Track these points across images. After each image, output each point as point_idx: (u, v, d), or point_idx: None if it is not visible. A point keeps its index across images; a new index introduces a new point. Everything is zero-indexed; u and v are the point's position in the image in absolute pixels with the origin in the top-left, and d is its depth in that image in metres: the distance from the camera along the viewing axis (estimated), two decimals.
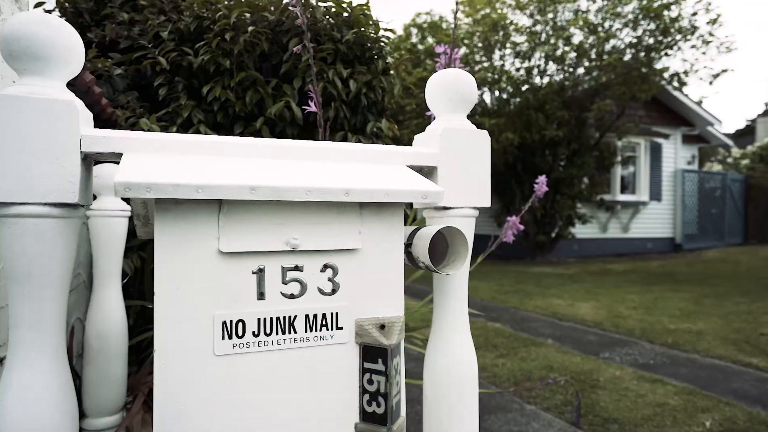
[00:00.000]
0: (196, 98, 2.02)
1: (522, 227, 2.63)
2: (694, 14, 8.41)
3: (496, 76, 9.05)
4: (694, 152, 15.14)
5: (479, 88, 9.32)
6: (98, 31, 2.14)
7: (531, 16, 9.06)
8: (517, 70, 9.10)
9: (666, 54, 8.71)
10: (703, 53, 8.77)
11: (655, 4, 8.27)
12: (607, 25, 8.78)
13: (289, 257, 0.81)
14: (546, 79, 9.25)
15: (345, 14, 2.13)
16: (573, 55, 8.86)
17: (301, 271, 0.82)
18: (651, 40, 8.60)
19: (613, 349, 4.00)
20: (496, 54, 9.31)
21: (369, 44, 2.13)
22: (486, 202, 1.09)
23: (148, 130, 1.77)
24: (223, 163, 0.81)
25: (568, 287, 7.21)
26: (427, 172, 1.07)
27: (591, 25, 8.69)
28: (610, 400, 2.84)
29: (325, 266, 0.84)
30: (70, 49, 0.81)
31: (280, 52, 2.08)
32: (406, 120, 9.94)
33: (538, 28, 9.03)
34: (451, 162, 1.05)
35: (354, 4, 2.15)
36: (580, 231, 11.08)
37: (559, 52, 8.80)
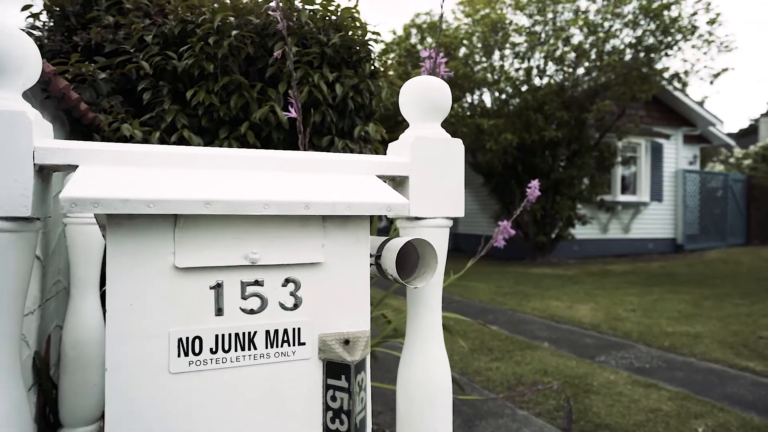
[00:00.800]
0: (181, 103, 2.00)
1: (513, 232, 2.61)
2: (694, 14, 8.37)
3: (495, 77, 9.02)
4: (696, 152, 15.07)
5: (479, 88, 9.29)
6: (84, 35, 2.12)
7: (530, 16, 9.03)
8: (517, 70, 9.06)
9: (666, 54, 8.66)
10: (704, 53, 8.73)
11: (655, 5, 8.23)
12: (606, 25, 8.74)
13: (249, 272, 0.80)
14: (545, 80, 9.22)
15: (332, 17, 2.11)
16: (572, 55, 8.82)
17: (262, 285, 0.81)
18: (651, 40, 8.56)
19: (609, 353, 3.97)
20: (496, 54, 9.28)
21: (356, 47, 2.11)
22: (459, 212, 1.07)
23: (130, 136, 1.75)
24: (182, 176, 0.79)
25: (567, 289, 7.18)
26: (400, 181, 1.05)
27: (591, 24, 8.65)
28: (603, 405, 2.82)
29: (287, 280, 0.82)
30: (23, 58, 0.79)
31: (266, 56, 2.06)
32: (403, 121, 9.92)
33: (538, 28, 9.00)
34: (423, 171, 1.03)
35: (342, 7, 2.13)
36: (581, 232, 11.04)
37: (558, 53, 8.76)
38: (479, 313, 5.68)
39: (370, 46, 2.18)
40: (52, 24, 2.33)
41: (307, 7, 2.12)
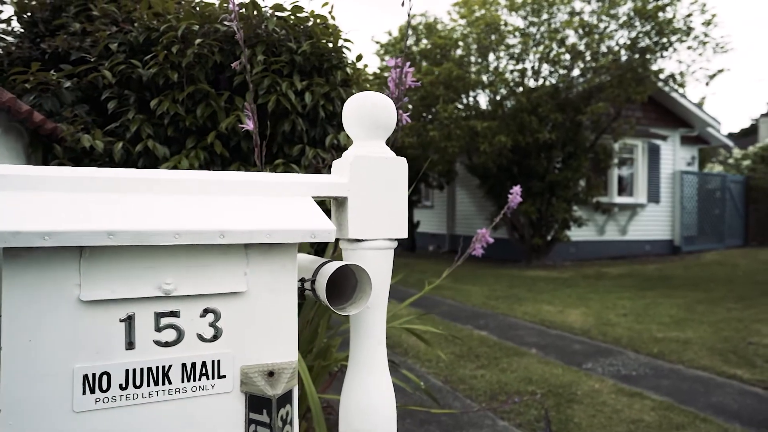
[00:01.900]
0: (148, 112, 1.97)
1: (491, 240, 2.57)
2: (689, 15, 8.32)
3: (490, 79, 8.98)
4: (694, 153, 15.01)
5: (473, 89, 9.25)
6: (51, 42, 2.09)
7: (525, 17, 8.99)
8: (511, 72, 9.02)
9: (661, 55, 8.62)
10: (699, 54, 8.68)
11: (650, 6, 8.19)
12: (602, 26, 8.70)
13: (163, 303, 0.76)
14: (540, 82, 9.18)
15: (303, 25, 2.08)
16: (567, 57, 8.78)
17: (178, 317, 0.77)
18: (646, 42, 8.51)
19: (596, 360, 3.94)
20: (491, 56, 9.24)
21: (327, 55, 2.07)
22: (403, 233, 1.04)
23: (90, 147, 1.72)
24: (86, 202, 0.76)
25: (560, 292, 7.14)
26: (341, 202, 1.02)
27: (586, 25, 8.61)
28: (584, 415, 2.78)
29: (206, 311, 0.79)
30: None
31: (246, 64, 2.03)
32: (398, 122, 9.87)
33: (532, 29, 8.95)
34: (363, 192, 0.99)
35: (314, 14, 2.09)
36: (577, 233, 11.00)
37: (553, 54, 8.72)
38: (470, 317, 5.64)
39: (342, 54, 2.15)
40: (22, 30, 2.29)
41: (277, 14, 2.08)
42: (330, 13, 2.31)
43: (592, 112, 8.44)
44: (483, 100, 9.64)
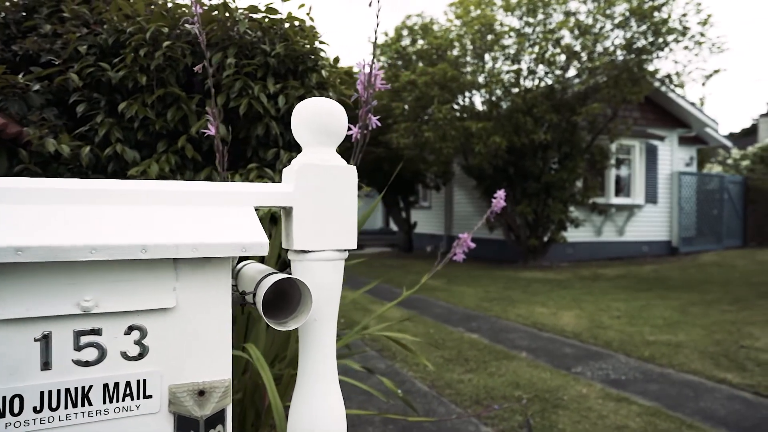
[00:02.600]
0: (119, 116, 1.94)
1: (473, 245, 2.54)
2: (684, 15, 8.27)
3: (485, 79, 8.94)
4: (693, 154, 14.96)
5: (469, 90, 9.21)
6: (22, 44, 2.06)
7: (521, 17, 8.95)
8: (507, 72, 8.98)
9: (657, 56, 8.58)
10: (696, 54, 8.64)
11: (645, 6, 8.15)
12: (597, 26, 8.66)
13: (83, 320, 0.73)
14: (535, 82, 9.14)
15: (278, 26, 2.04)
16: (562, 57, 8.74)
17: (100, 334, 0.74)
18: (642, 42, 8.47)
19: (586, 363, 3.90)
20: (486, 57, 9.20)
21: (302, 57, 2.04)
22: (352, 243, 1.00)
23: (55, 151, 1.69)
24: (3, 214, 0.72)
25: (554, 294, 7.10)
26: (288, 212, 0.98)
27: (582, 25, 8.57)
28: (569, 422, 2.74)
29: (131, 328, 0.75)
30: None
31: (209, 67, 1.99)
32: (395, 123, 9.85)
33: (528, 30, 8.92)
34: (309, 201, 0.96)
35: (287, 16, 2.06)
36: (575, 234, 10.96)
37: (548, 54, 8.68)
38: (462, 319, 5.60)
39: (318, 56, 2.11)
40: None
41: (252, 15, 2.05)
42: (308, 14, 2.28)
43: (586, 113, 8.40)
44: (478, 100, 9.60)
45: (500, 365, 3.84)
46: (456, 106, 9.56)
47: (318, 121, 0.99)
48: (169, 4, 1.97)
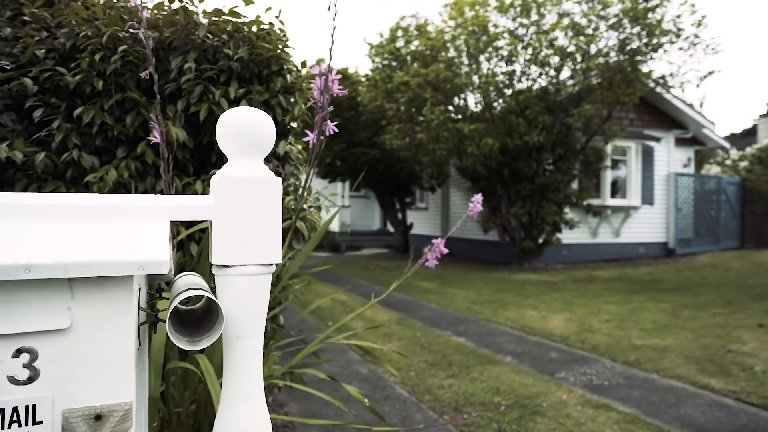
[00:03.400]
0: (77, 121, 1.91)
1: (446, 251, 2.51)
2: (678, 16, 8.24)
3: (479, 80, 8.90)
4: (690, 155, 14.92)
5: (463, 91, 9.18)
6: None
7: (514, 18, 8.91)
8: (501, 74, 8.94)
9: (651, 57, 8.54)
10: (690, 56, 8.60)
11: (639, 6, 8.11)
12: (591, 28, 8.62)
13: None
14: (528, 84, 9.10)
15: (242, 30, 2.01)
16: (556, 59, 8.70)
17: None
18: (636, 43, 8.44)
19: (571, 368, 3.86)
20: (480, 58, 9.16)
21: (267, 61, 2.01)
22: (276, 257, 0.97)
23: (6, 158, 1.66)
24: None
25: (547, 296, 7.06)
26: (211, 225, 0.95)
27: (576, 25, 8.53)
28: (545, 429, 2.71)
29: (20, 351, 0.72)
30: None
31: (170, 71, 1.97)
32: (388, 124, 9.83)
33: (521, 31, 8.88)
34: (230, 215, 0.93)
35: (249, 20, 2.02)
36: (570, 236, 10.92)
37: (542, 55, 8.64)
38: (451, 322, 5.57)
39: (284, 60, 2.08)
40: None
41: (216, 19, 2.02)
42: (277, 17, 2.25)
43: (579, 115, 8.36)
44: (472, 101, 9.57)
45: (483, 370, 3.81)
46: (451, 107, 9.53)
47: (242, 132, 0.96)
48: (131, 6, 1.94)
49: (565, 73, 9.07)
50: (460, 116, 9.00)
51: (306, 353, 2.00)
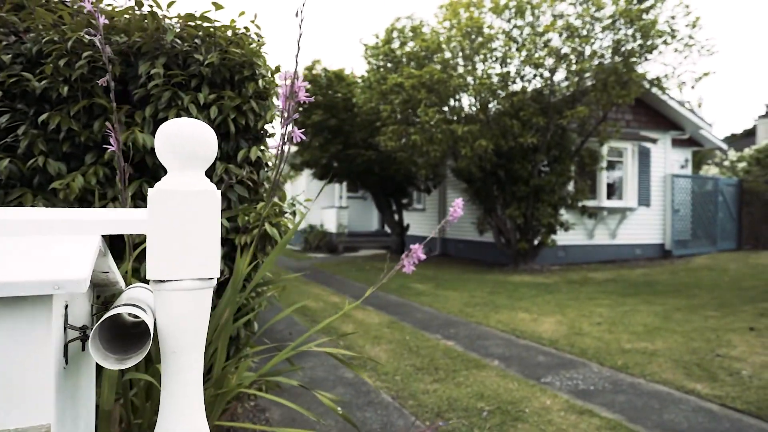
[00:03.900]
0: (45, 127, 1.89)
1: (424, 256, 2.49)
2: (673, 17, 8.22)
3: (473, 82, 8.88)
4: (688, 156, 14.89)
5: (457, 93, 9.16)
6: None
7: (509, 20, 8.90)
8: (495, 76, 8.92)
9: (646, 58, 8.52)
10: (685, 57, 8.57)
11: (633, 7, 8.09)
12: (586, 29, 8.60)
13: None
14: (523, 85, 9.08)
15: (213, 35, 1.99)
16: (550, 60, 8.68)
17: None
18: (630, 45, 8.42)
19: (557, 373, 3.84)
20: (475, 59, 9.14)
21: (239, 67, 1.99)
22: (214, 272, 0.95)
23: None
24: None
25: (540, 299, 7.04)
26: (144, 240, 0.94)
27: (571, 27, 8.51)
28: None
29: None
30: None
31: (139, 77, 1.95)
32: (382, 126, 9.81)
33: (516, 32, 8.86)
34: (165, 229, 0.91)
35: (220, 25, 2.00)
36: (566, 237, 10.90)
37: (536, 56, 8.62)
38: (442, 326, 5.55)
39: (256, 65, 2.06)
40: None
41: (188, 23, 2.00)
42: (253, 21, 2.23)
43: (572, 116, 8.34)
44: (466, 103, 9.54)
45: (469, 375, 3.79)
46: (446, 109, 9.51)
47: (181, 144, 0.95)
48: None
49: (560, 75, 9.05)
50: (455, 117, 8.97)
51: (278, 360, 1.98)
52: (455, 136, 8.34)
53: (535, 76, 8.95)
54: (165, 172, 2.07)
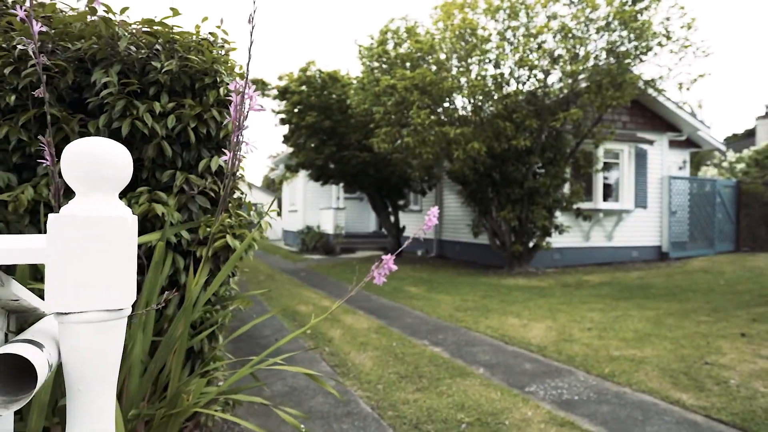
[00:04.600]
0: None
1: (395, 267, 2.42)
2: (667, 18, 8.15)
3: (466, 84, 8.82)
4: (686, 157, 14.82)
5: (450, 95, 9.09)
6: None
7: (503, 21, 8.83)
8: (488, 78, 8.85)
9: (640, 60, 8.45)
10: (680, 59, 8.50)
11: (626, 8, 8.02)
12: (580, 30, 8.53)
13: None
14: (516, 87, 9.01)
15: (172, 41, 1.93)
16: (545, 62, 8.62)
17: None
18: (625, 46, 8.35)
19: (543, 381, 3.78)
20: (468, 61, 9.08)
21: (199, 74, 1.93)
22: (125, 302, 0.89)
23: None
24: None
25: (532, 303, 6.98)
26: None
27: (565, 28, 8.44)
28: None
29: None
30: None
31: (97, 84, 1.89)
32: (376, 128, 9.74)
33: (509, 34, 8.80)
34: (66, 257, 0.85)
35: (180, 31, 1.95)
36: (562, 240, 10.84)
37: (531, 58, 8.55)
38: (431, 331, 5.49)
39: (218, 72, 2.00)
40: None
41: (146, 29, 1.94)
42: (219, 27, 2.17)
43: (565, 119, 8.27)
44: (460, 105, 9.48)
45: (453, 383, 3.73)
46: (440, 110, 9.44)
47: (84, 165, 0.88)
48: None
49: (554, 77, 8.99)
50: (447, 119, 8.91)
51: (239, 377, 1.92)
52: (448, 138, 8.27)
53: (529, 77, 8.88)
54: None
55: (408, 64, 9.58)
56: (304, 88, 11.61)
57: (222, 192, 1.83)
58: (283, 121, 12.64)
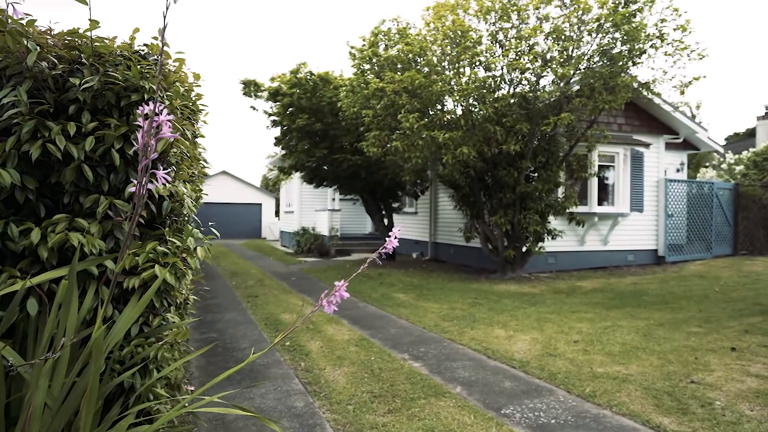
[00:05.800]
0: None
1: (347, 295, 2.27)
2: (662, 20, 7.98)
3: (456, 87, 8.66)
4: (683, 159, 14.64)
5: (439, 99, 8.93)
6: None
7: (494, 23, 8.67)
8: (478, 81, 8.69)
9: (633, 63, 8.28)
10: (675, 62, 8.34)
11: (619, 8, 7.86)
12: (572, 33, 8.36)
13: None
14: (507, 91, 8.85)
15: (103, 56, 1.78)
16: (537, 64, 8.45)
17: None
18: (618, 48, 8.18)
19: (521, 402, 3.63)
20: (458, 64, 8.91)
21: (125, 90, 1.78)
22: None
23: None
24: None
25: (521, 312, 6.82)
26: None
27: (557, 29, 8.28)
28: None
29: None
30: None
31: (4, 103, 1.74)
32: (366, 131, 9.59)
33: (501, 36, 8.63)
34: None
35: (101, 44, 1.79)
36: (557, 244, 10.67)
37: (523, 60, 8.39)
38: (413, 343, 5.34)
39: (146, 89, 1.85)
40: None
41: (67, 40, 1.79)
42: (157, 38, 2.02)
43: (554, 123, 8.10)
44: (451, 108, 9.32)
45: (427, 404, 3.58)
46: (431, 112, 9.28)
47: None
48: None
49: (546, 80, 8.82)
50: (437, 122, 8.74)
51: (165, 420, 1.77)
52: (437, 142, 8.11)
53: (520, 80, 8.72)
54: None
55: (399, 67, 9.42)
56: (295, 90, 11.46)
57: (134, 218, 1.69)
58: (275, 123, 12.50)
